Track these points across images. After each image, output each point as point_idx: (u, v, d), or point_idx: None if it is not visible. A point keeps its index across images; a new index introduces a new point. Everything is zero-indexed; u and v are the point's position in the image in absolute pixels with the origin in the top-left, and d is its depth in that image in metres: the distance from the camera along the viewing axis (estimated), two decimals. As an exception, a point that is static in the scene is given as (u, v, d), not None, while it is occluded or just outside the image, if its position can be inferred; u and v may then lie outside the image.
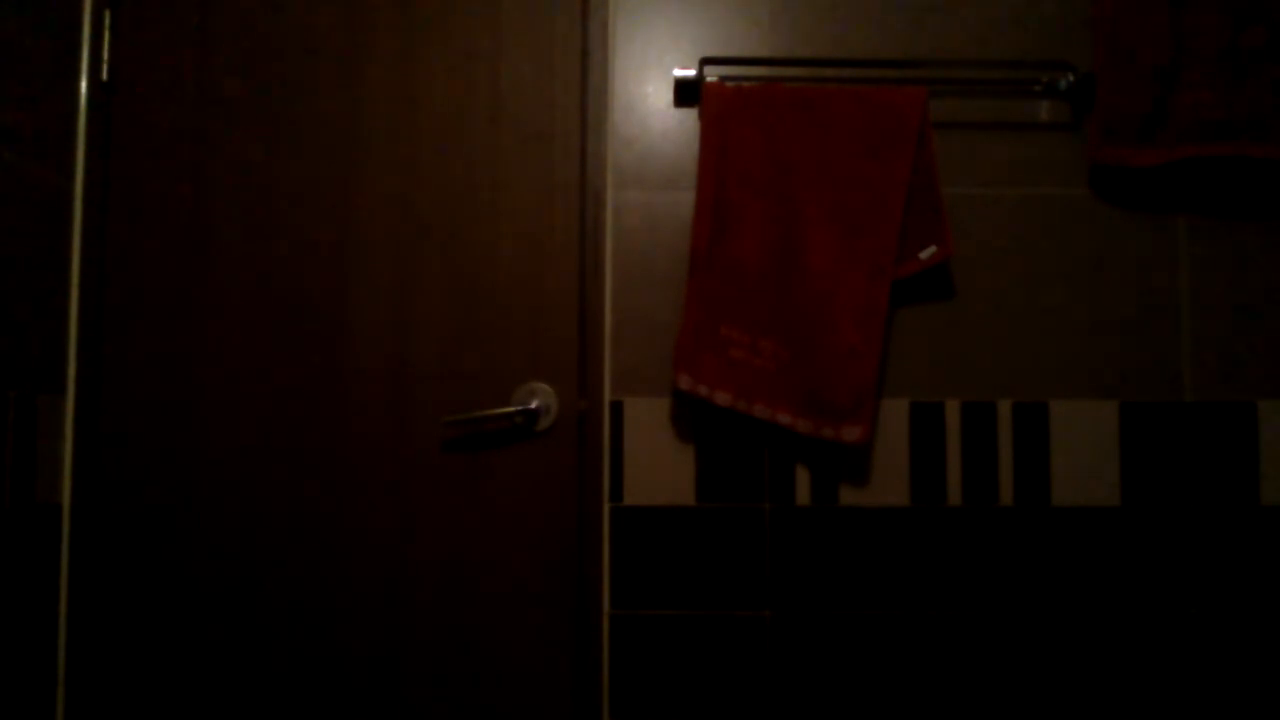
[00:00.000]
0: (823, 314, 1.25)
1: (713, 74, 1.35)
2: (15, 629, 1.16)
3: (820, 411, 1.25)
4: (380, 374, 1.29)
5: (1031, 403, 1.33)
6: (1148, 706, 1.31)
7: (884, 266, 1.26)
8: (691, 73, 1.31)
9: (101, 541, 1.27)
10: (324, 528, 1.28)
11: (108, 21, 1.31)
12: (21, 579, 1.17)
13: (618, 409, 1.32)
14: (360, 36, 1.32)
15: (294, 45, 1.32)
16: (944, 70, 1.36)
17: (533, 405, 1.27)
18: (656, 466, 1.32)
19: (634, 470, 1.31)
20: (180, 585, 1.27)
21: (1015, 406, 1.33)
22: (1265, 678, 1.31)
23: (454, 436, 1.29)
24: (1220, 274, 1.35)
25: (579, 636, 1.28)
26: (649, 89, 1.36)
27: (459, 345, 1.29)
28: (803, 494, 1.32)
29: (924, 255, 1.28)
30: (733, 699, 1.30)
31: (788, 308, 1.27)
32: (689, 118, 1.36)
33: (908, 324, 1.35)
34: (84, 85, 1.30)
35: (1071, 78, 1.31)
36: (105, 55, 1.31)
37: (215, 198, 1.31)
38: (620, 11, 1.36)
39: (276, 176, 1.31)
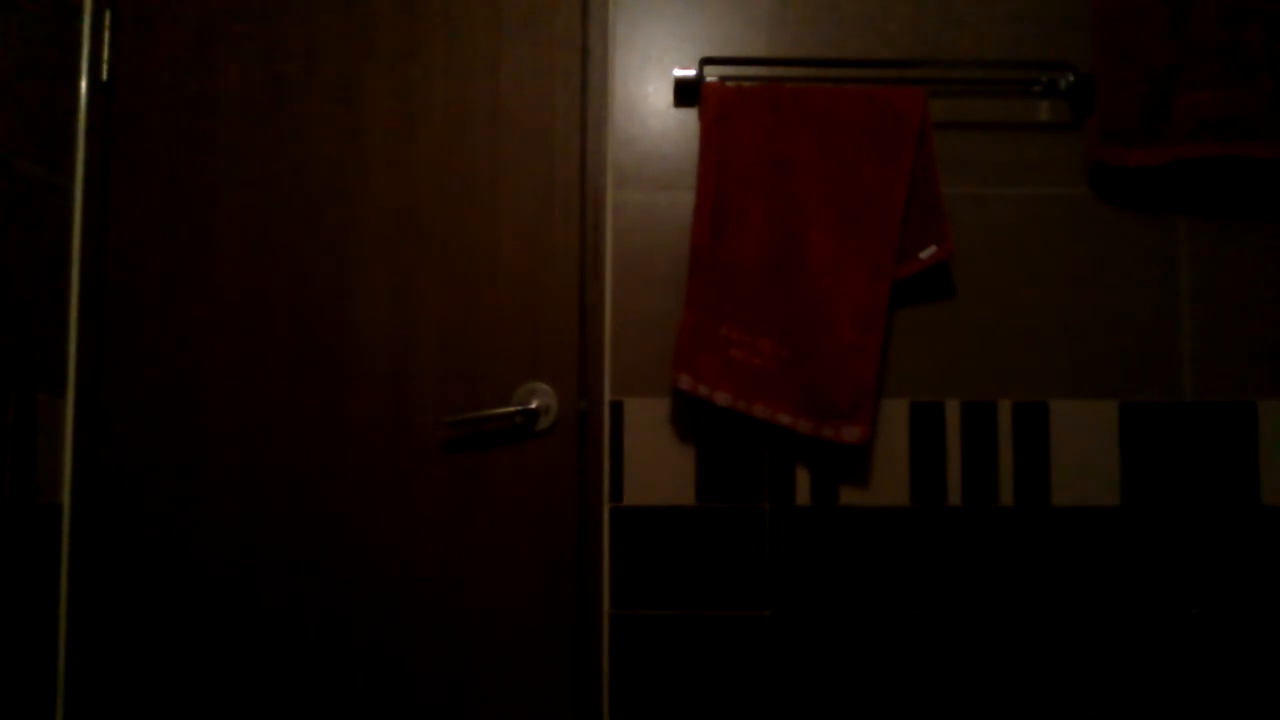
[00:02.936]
0: (823, 314, 1.25)
1: (713, 74, 1.35)
2: (15, 629, 1.16)
3: (820, 411, 1.25)
4: (380, 374, 1.29)
5: (1031, 403, 1.33)
6: (1148, 706, 1.31)
7: (884, 266, 1.26)
8: (691, 73, 1.31)
9: (101, 541, 1.27)
10: (324, 527, 1.28)
11: (108, 21, 1.31)
12: (21, 579, 1.17)
13: (618, 409, 1.32)
14: (360, 36, 1.32)
15: (294, 45, 1.32)
16: (944, 70, 1.36)
17: (533, 405, 1.27)
18: (656, 466, 1.32)
19: (634, 470, 1.31)
20: (180, 585, 1.27)
21: (1015, 406, 1.33)
22: (1265, 678, 1.31)
23: (454, 436, 1.29)
24: (1220, 274, 1.35)
25: (579, 636, 1.28)
26: (649, 89, 1.36)
27: (459, 345, 1.29)
28: (803, 494, 1.32)
29: (924, 255, 1.28)
30: (732, 699, 1.30)
31: (788, 308, 1.27)
32: (689, 118, 1.36)
33: (908, 324, 1.35)
34: (84, 85, 1.30)
35: (1071, 78, 1.31)
36: (105, 55, 1.31)
37: (215, 197, 1.31)
38: (620, 11, 1.36)
39: (276, 176, 1.31)
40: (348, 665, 1.27)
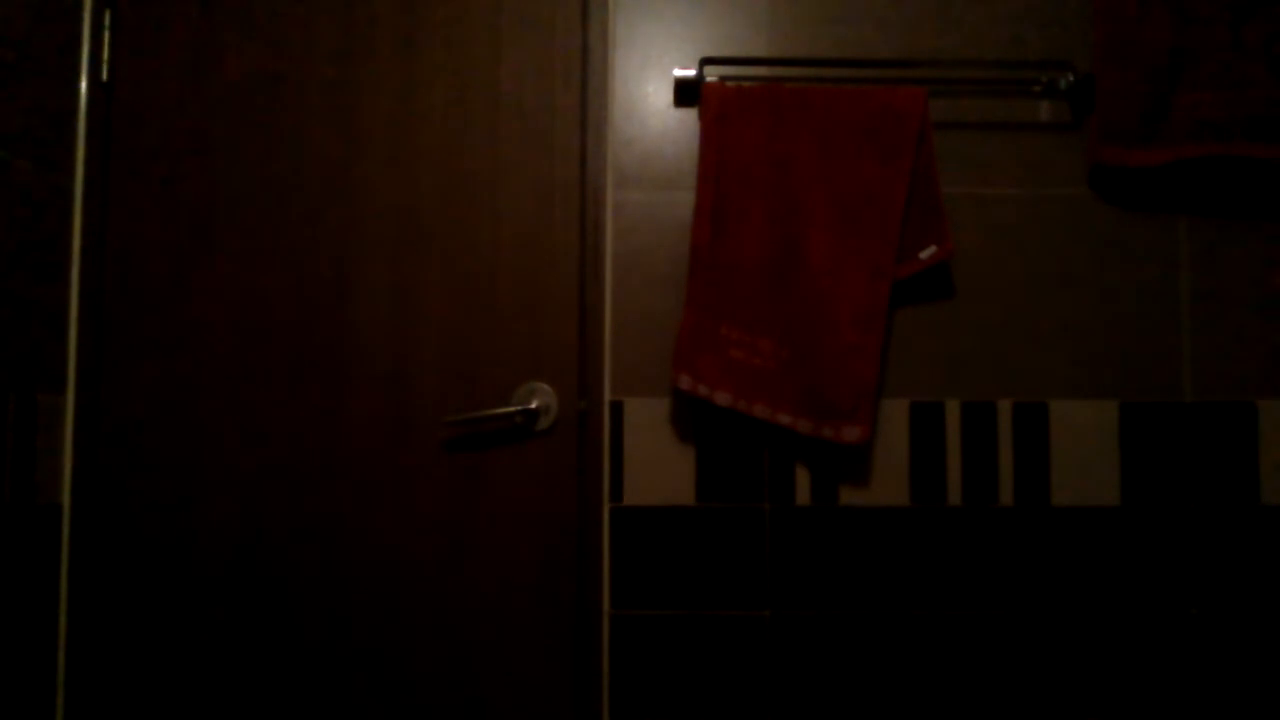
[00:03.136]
0: (823, 314, 1.25)
1: (713, 74, 1.35)
2: (15, 629, 1.16)
3: (820, 411, 1.25)
4: (380, 374, 1.29)
5: (1031, 403, 1.33)
6: (1148, 706, 1.31)
7: (884, 266, 1.26)
8: (691, 73, 1.31)
9: (101, 541, 1.27)
10: (324, 527, 1.28)
11: (108, 21, 1.31)
12: (21, 579, 1.17)
13: (618, 409, 1.32)
14: (360, 36, 1.32)
15: (294, 45, 1.32)
16: (944, 70, 1.36)
17: (533, 405, 1.27)
18: (656, 466, 1.32)
19: (634, 470, 1.32)
20: (180, 585, 1.27)
21: (1015, 406, 1.33)
22: (1265, 677, 1.31)
23: (454, 436, 1.29)
24: (1220, 274, 1.35)
25: (579, 636, 1.28)
26: (649, 89, 1.36)
27: (459, 345, 1.29)
28: (803, 494, 1.32)
29: (924, 255, 1.28)
30: (732, 699, 1.30)
31: (788, 307, 1.27)
32: (689, 118, 1.36)
33: (908, 324, 1.35)
34: (84, 85, 1.30)
35: (1071, 78, 1.31)
36: (105, 55, 1.31)
37: (215, 197, 1.31)
38: (620, 11, 1.36)
39: (276, 176, 1.31)
40: (348, 665, 1.27)
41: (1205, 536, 1.32)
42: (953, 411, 1.33)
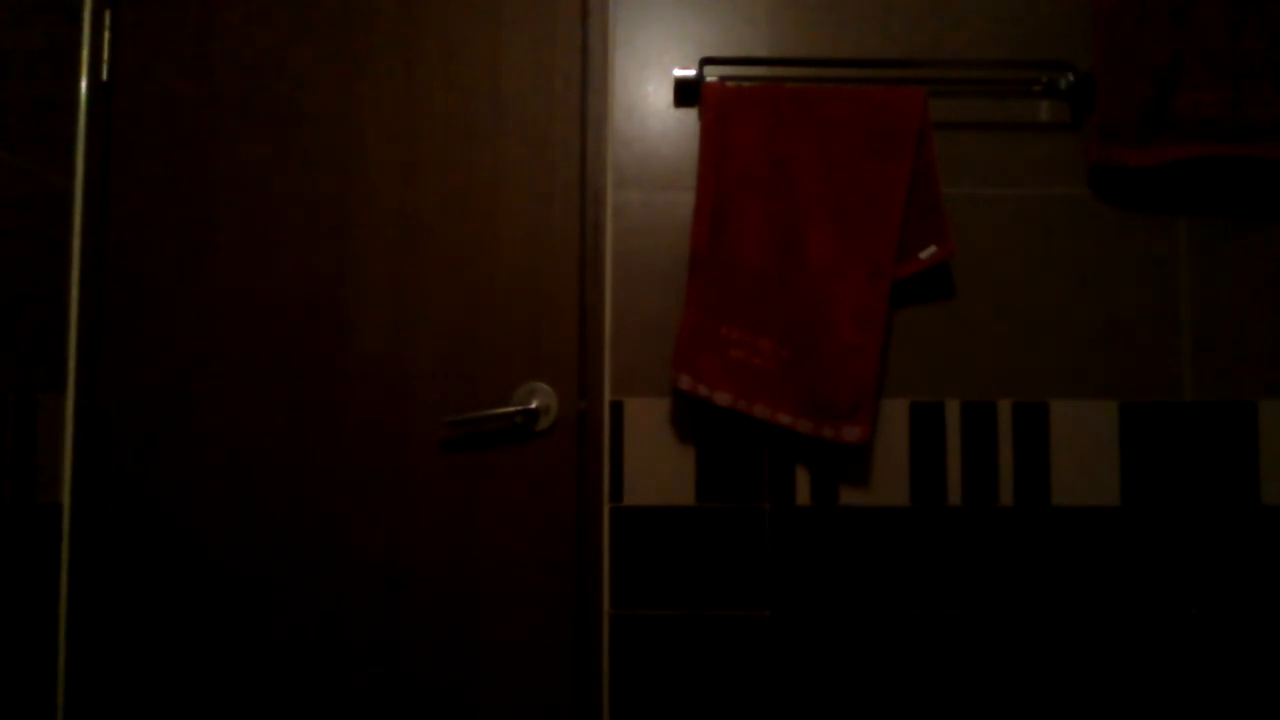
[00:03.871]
0: (823, 314, 1.25)
1: (713, 74, 1.35)
2: (15, 629, 1.16)
3: (820, 411, 1.25)
4: (380, 374, 1.29)
5: (1031, 403, 1.33)
6: (1148, 706, 1.31)
7: (884, 266, 1.26)
8: (691, 73, 1.31)
9: (101, 541, 1.27)
10: (324, 527, 1.28)
11: (108, 21, 1.31)
12: (21, 579, 1.17)
13: (618, 409, 1.32)
14: (360, 36, 1.32)
15: (294, 45, 1.32)
16: (944, 70, 1.36)
17: (533, 405, 1.27)
18: (656, 466, 1.32)
19: (634, 470, 1.32)
20: (180, 585, 1.27)
21: (1015, 406, 1.33)
22: (1266, 677, 1.31)
23: (454, 436, 1.29)
24: (1220, 274, 1.35)
25: (579, 636, 1.28)
26: (649, 89, 1.36)
27: (459, 345, 1.29)
28: (803, 494, 1.32)
29: (924, 255, 1.28)
30: (732, 699, 1.30)
31: (788, 308, 1.27)
32: (689, 118, 1.36)
33: (908, 324, 1.35)
34: (84, 85, 1.30)
35: (1071, 78, 1.31)
36: (105, 55, 1.31)
37: (215, 198, 1.31)
38: (620, 11, 1.36)
39: (276, 176, 1.31)
40: (348, 665, 1.27)
41: (1205, 536, 1.32)
42: (953, 411, 1.33)
